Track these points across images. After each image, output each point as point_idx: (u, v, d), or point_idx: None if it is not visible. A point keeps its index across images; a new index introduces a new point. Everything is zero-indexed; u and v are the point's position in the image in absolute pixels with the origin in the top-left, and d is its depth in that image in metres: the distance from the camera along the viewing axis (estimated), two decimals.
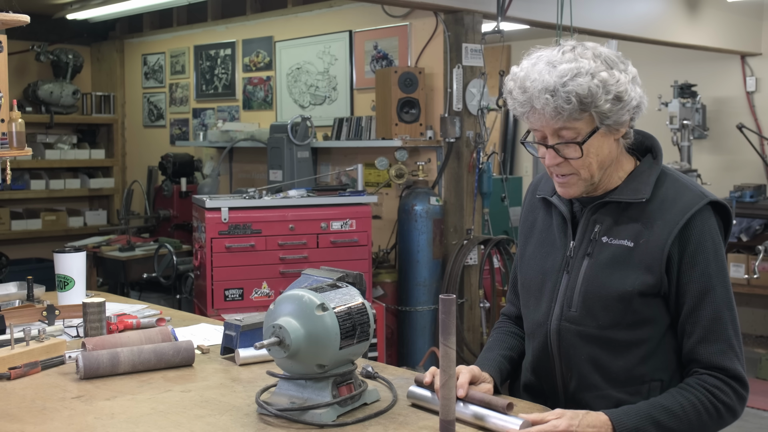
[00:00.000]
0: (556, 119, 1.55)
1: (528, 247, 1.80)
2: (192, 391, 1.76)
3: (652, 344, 1.61)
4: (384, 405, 1.64)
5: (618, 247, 1.62)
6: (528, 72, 1.57)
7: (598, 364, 1.63)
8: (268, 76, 6.01)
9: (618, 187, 1.66)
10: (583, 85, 1.52)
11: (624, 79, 1.56)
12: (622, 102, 1.55)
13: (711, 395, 1.56)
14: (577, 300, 1.64)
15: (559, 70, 1.53)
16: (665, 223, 1.59)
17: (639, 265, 1.59)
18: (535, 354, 1.73)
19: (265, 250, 4.11)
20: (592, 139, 1.57)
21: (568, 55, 1.56)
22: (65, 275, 2.52)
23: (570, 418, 1.47)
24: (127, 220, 6.00)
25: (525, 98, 1.57)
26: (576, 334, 1.64)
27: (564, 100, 1.52)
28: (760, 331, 6.46)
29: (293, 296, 1.57)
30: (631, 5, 5.58)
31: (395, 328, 4.72)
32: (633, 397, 1.60)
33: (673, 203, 1.61)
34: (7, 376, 1.82)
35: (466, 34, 4.60)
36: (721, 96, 6.89)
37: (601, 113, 1.55)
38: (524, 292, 1.78)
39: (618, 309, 1.60)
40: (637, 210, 1.63)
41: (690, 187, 1.64)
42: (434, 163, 4.81)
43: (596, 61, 1.55)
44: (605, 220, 1.65)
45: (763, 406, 4.84)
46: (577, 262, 1.66)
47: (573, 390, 1.67)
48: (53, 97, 6.81)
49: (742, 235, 5.58)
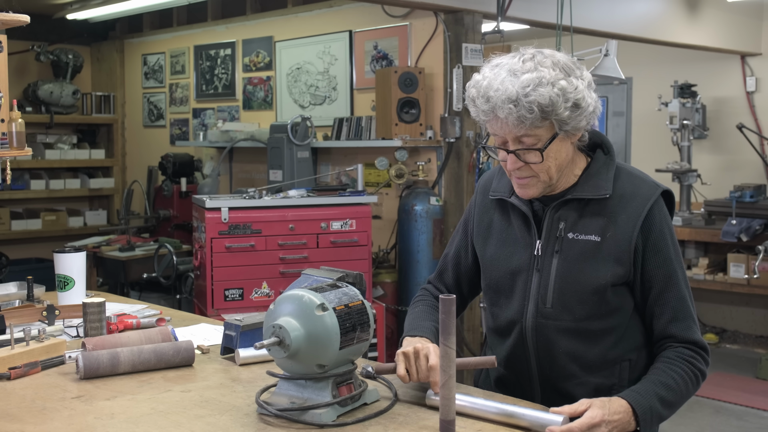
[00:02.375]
0: (518, 127, 1.61)
1: (488, 248, 1.84)
2: (192, 391, 1.76)
3: (621, 329, 1.72)
4: (384, 405, 1.64)
5: (585, 242, 1.70)
6: (491, 81, 1.63)
7: (575, 355, 1.71)
8: (268, 76, 6.01)
9: (577, 185, 1.73)
10: (544, 95, 1.57)
11: (581, 85, 1.63)
12: (580, 109, 1.62)
13: (691, 365, 1.67)
14: (552, 296, 1.71)
15: (521, 80, 1.59)
16: (629, 217, 1.68)
17: (608, 258, 1.68)
18: (509, 350, 1.79)
19: (265, 250, 4.11)
20: (552, 144, 1.64)
21: (529, 64, 1.61)
22: (65, 275, 2.52)
23: (600, 407, 1.53)
24: (127, 220, 6.00)
25: (488, 107, 1.63)
26: (553, 329, 1.72)
27: (526, 110, 1.58)
28: (760, 331, 6.46)
29: (293, 296, 1.58)
30: (631, 5, 5.58)
31: (395, 328, 4.72)
32: (608, 379, 1.72)
33: (633, 197, 1.70)
34: (7, 376, 1.82)
35: (466, 34, 4.60)
36: (721, 96, 6.90)
37: (560, 120, 1.61)
38: (492, 293, 1.83)
39: (593, 301, 1.68)
40: (598, 205, 1.71)
41: (644, 179, 1.75)
42: (434, 163, 4.82)
43: (555, 69, 1.60)
44: (569, 217, 1.72)
45: (763, 406, 4.84)
46: (547, 260, 1.73)
47: (551, 381, 1.75)
48: (53, 97, 6.81)
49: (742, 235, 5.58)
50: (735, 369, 5.56)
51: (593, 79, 1.68)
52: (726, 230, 5.65)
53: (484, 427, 1.55)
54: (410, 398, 1.71)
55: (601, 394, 1.62)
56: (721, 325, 6.63)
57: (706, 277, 5.83)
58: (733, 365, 5.66)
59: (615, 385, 1.71)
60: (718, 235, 5.71)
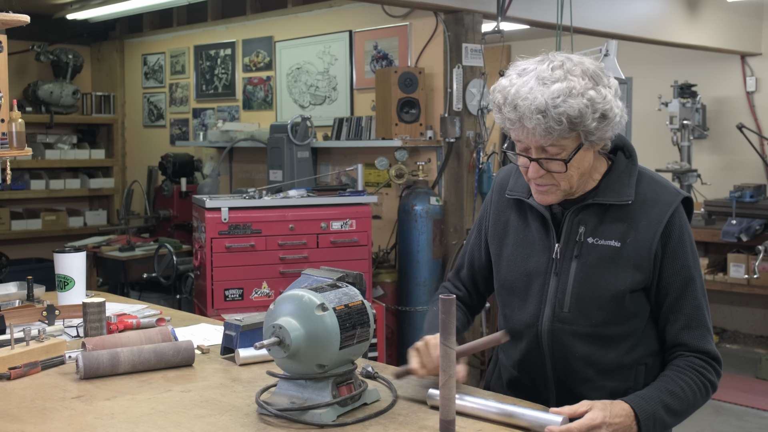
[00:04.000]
0: (545, 138, 1.57)
1: (505, 248, 1.81)
2: (192, 391, 1.76)
3: (638, 334, 1.71)
4: (384, 405, 1.64)
5: (605, 247, 1.67)
6: (518, 89, 1.57)
7: (591, 360, 1.70)
8: (268, 76, 6.01)
9: (598, 189, 1.70)
10: (574, 106, 1.53)
11: (610, 95, 1.59)
12: (607, 119, 1.58)
13: (701, 375, 1.65)
14: (570, 301, 1.69)
15: (551, 90, 1.54)
16: (649, 223, 1.66)
17: (628, 264, 1.66)
18: (523, 353, 1.77)
19: (265, 250, 4.11)
20: (576, 155, 1.61)
21: (558, 72, 1.56)
22: (65, 275, 2.52)
23: (601, 409, 1.52)
24: (127, 220, 6.00)
25: (515, 116, 1.58)
26: (569, 334, 1.70)
27: (555, 121, 1.54)
28: (760, 331, 6.46)
29: (293, 296, 1.57)
30: (631, 5, 5.58)
31: (395, 328, 4.72)
32: (624, 383, 1.70)
33: (654, 203, 1.68)
34: (7, 376, 1.82)
35: (466, 34, 4.60)
36: (721, 96, 6.90)
37: (587, 131, 1.58)
38: (505, 294, 1.81)
39: (611, 307, 1.66)
40: (619, 211, 1.68)
41: (665, 185, 1.73)
42: (434, 163, 4.82)
43: (584, 78, 1.56)
44: (589, 221, 1.70)
45: (763, 406, 4.84)
46: (566, 264, 1.70)
47: (566, 384, 1.73)
48: (53, 97, 6.81)
49: (742, 235, 5.57)
50: (735, 369, 5.56)
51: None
52: (726, 230, 5.65)
53: (484, 427, 1.55)
54: (410, 398, 1.71)
55: (617, 398, 1.60)
56: (721, 325, 6.63)
57: (706, 277, 5.83)
58: (733, 365, 5.66)
59: (630, 389, 1.68)
60: (718, 235, 5.71)
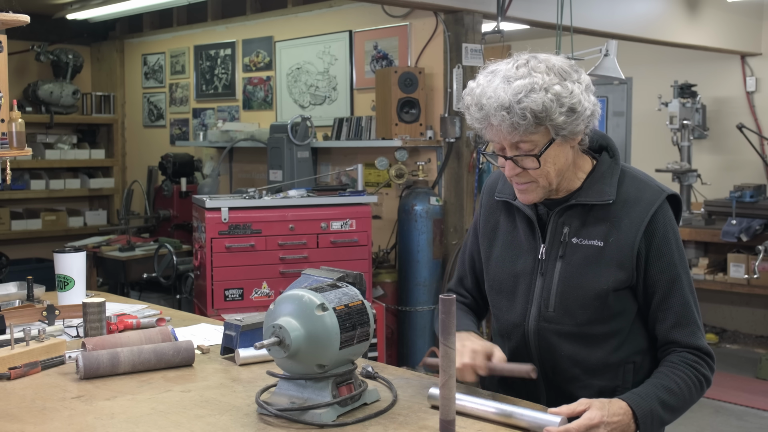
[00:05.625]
0: (512, 134, 1.60)
1: (494, 250, 1.84)
2: (192, 391, 1.76)
3: (624, 333, 1.72)
4: (384, 405, 1.64)
5: (589, 247, 1.70)
6: (484, 89, 1.61)
7: (576, 359, 1.72)
8: (268, 76, 6.01)
9: (581, 189, 1.72)
10: (537, 101, 1.56)
11: (577, 90, 1.61)
12: (576, 113, 1.60)
13: (695, 370, 1.67)
14: (554, 301, 1.71)
15: (513, 86, 1.57)
16: (632, 222, 1.67)
17: (611, 263, 1.68)
18: (512, 353, 1.79)
19: (265, 250, 4.11)
20: (549, 150, 1.63)
21: (522, 70, 1.59)
22: (65, 275, 2.52)
23: (599, 408, 1.53)
24: (127, 220, 6.00)
25: (482, 115, 1.62)
26: (554, 333, 1.72)
27: (519, 117, 1.57)
28: (760, 331, 6.46)
29: (293, 296, 1.58)
30: (631, 5, 5.58)
31: (395, 328, 4.72)
32: (611, 382, 1.72)
33: (636, 202, 1.69)
34: (7, 376, 1.82)
35: (466, 34, 4.60)
36: (721, 96, 6.89)
37: (556, 125, 1.60)
38: (494, 294, 1.84)
39: (595, 306, 1.68)
40: (602, 210, 1.70)
41: (648, 183, 1.74)
42: (434, 163, 4.82)
43: (549, 74, 1.59)
44: (573, 221, 1.72)
45: (763, 406, 4.84)
46: (551, 264, 1.73)
47: (555, 383, 1.75)
48: (53, 97, 6.81)
49: (742, 235, 5.57)
50: (735, 369, 5.56)
51: (593, 79, 1.68)
52: (726, 230, 5.65)
53: (484, 427, 1.55)
54: (410, 398, 1.71)
55: (605, 396, 1.61)
56: (721, 325, 6.62)
57: (706, 277, 5.83)
58: (733, 365, 5.66)
59: (619, 387, 1.70)
60: (718, 235, 5.71)
